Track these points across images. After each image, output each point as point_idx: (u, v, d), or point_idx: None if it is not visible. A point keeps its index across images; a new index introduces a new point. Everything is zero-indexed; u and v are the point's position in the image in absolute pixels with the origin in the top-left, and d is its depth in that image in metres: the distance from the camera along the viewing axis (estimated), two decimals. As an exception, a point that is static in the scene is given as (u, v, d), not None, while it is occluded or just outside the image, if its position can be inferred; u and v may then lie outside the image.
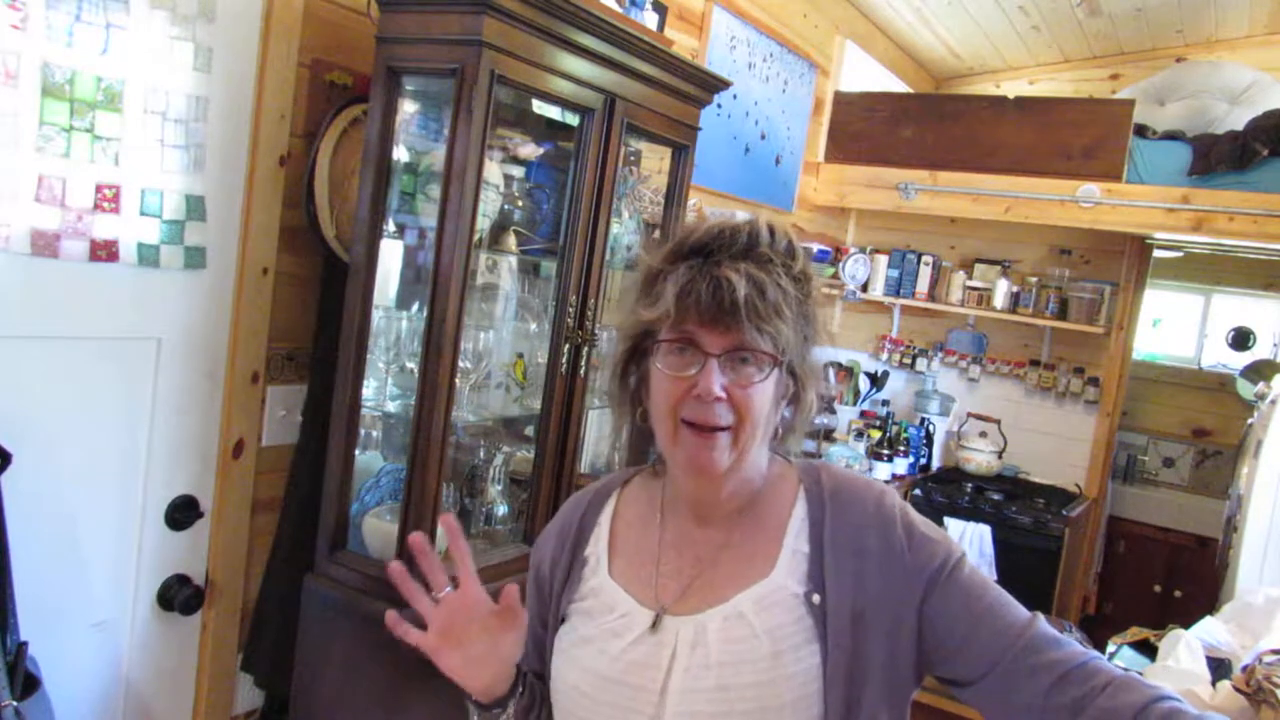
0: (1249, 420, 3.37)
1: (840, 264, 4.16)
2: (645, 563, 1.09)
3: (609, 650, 1.04)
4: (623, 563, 1.10)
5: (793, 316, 1.01)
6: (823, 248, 3.97)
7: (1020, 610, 1.02)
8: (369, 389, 1.85)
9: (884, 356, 4.54)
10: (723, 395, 0.98)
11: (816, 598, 1.01)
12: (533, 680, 1.13)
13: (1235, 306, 5.33)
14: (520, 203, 1.99)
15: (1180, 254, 4.67)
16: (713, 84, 2.26)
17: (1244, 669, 1.74)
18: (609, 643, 1.04)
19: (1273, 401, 2.84)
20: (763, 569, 1.03)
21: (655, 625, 1.03)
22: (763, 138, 3.58)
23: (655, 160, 2.40)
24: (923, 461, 4.30)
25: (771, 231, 1.03)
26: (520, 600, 1.04)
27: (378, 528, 1.81)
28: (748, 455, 1.02)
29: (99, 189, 1.53)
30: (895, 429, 4.26)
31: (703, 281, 0.97)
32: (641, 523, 1.13)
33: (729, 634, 1.00)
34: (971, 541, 3.66)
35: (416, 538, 1.03)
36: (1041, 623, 1.01)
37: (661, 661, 1.01)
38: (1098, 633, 3.57)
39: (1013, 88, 4.71)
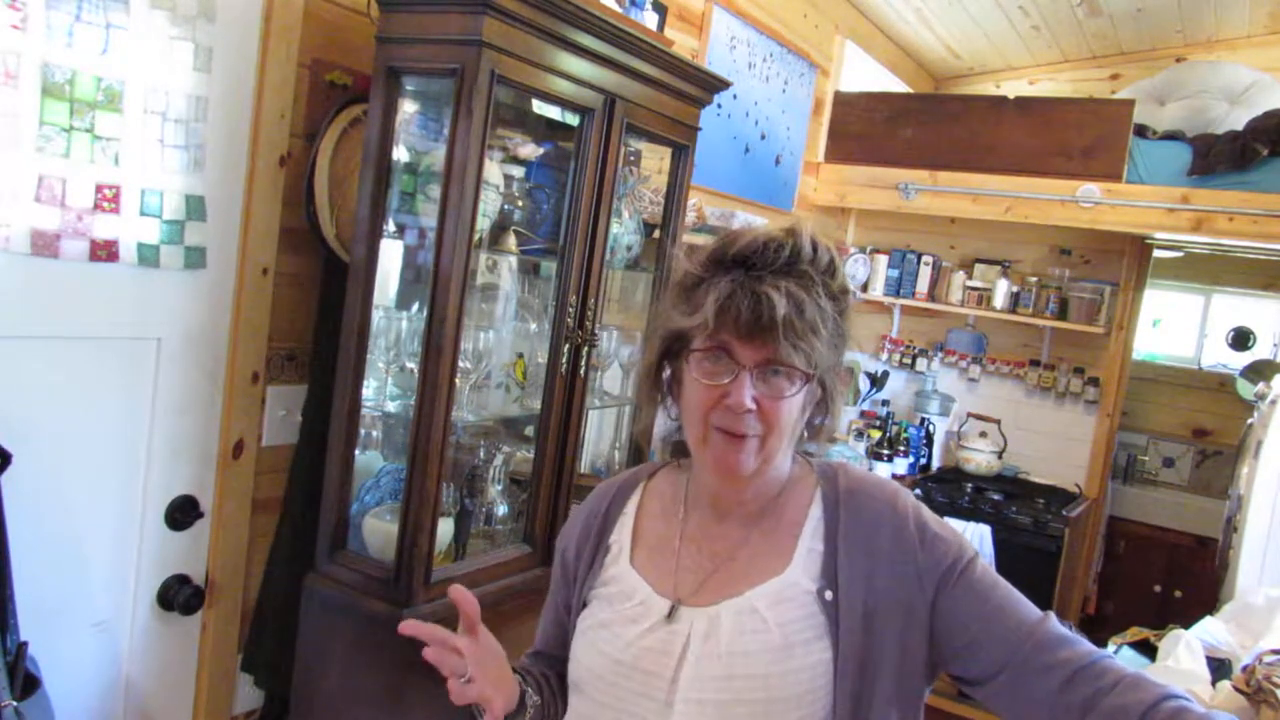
0: (1249, 420, 3.37)
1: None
2: (666, 554, 1.12)
3: (624, 636, 1.07)
4: (644, 553, 1.13)
5: (828, 333, 1.02)
6: (823, 248, 3.97)
7: (1031, 609, 1.03)
8: (369, 389, 1.85)
9: (884, 356, 4.54)
10: (753, 407, 1.00)
11: (829, 594, 1.02)
12: (539, 674, 1.17)
13: (1235, 306, 5.33)
14: (520, 203, 1.99)
15: (1180, 254, 4.67)
16: (713, 84, 2.26)
17: (1244, 669, 1.74)
18: (625, 628, 1.07)
19: (1273, 401, 2.84)
20: (777, 566, 1.06)
21: (671, 615, 1.06)
22: (763, 138, 3.58)
23: (655, 160, 2.40)
24: (923, 461, 4.30)
25: (815, 246, 1.04)
26: (473, 606, 1.05)
27: (378, 528, 1.81)
28: (773, 461, 1.05)
29: (99, 189, 1.53)
30: (895, 429, 4.26)
31: (744, 296, 0.99)
32: (664, 515, 1.16)
33: (741, 626, 1.03)
34: (971, 541, 3.65)
35: (407, 627, 1.04)
36: (1053, 621, 1.02)
37: (674, 649, 1.04)
38: (1098, 633, 3.56)
39: (1013, 88, 4.71)
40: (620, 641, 1.07)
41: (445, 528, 1.82)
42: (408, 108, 1.85)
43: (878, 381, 4.50)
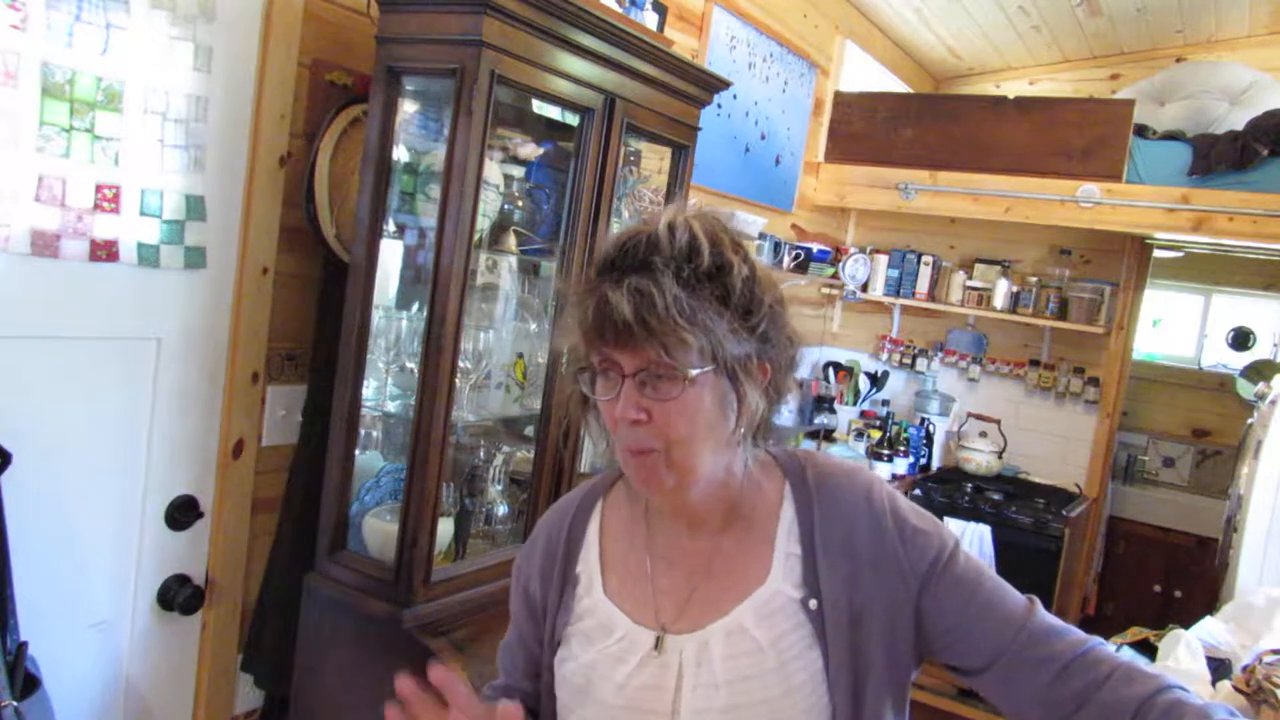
0: (1249, 420, 3.37)
1: (840, 264, 4.16)
2: (639, 579, 1.06)
3: (614, 678, 1.01)
4: (616, 580, 1.07)
5: (705, 319, 0.92)
6: (823, 248, 3.98)
7: (1016, 598, 1.01)
8: (369, 389, 1.85)
9: (884, 356, 4.54)
10: (641, 417, 0.93)
11: (813, 603, 0.99)
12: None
13: (1235, 306, 5.33)
14: (520, 203, 1.99)
15: (1180, 254, 4.67)
16: (713, 84, 2.26)
17: (1244, 669, 1.74)
18: (613, 670, 1.02)
19: (1273, 401, 2.84)
20: (758, 575, 1.01)
21: (658, 646, 1.01)
22: (763, 138, 3.58)
23: (655, 160, 2.40)
24: (923, 461, 4.30)
25: (672, 231, 0.94)
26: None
27: (378, 528, 1.81)
28: (693, 471, 0.97)
29: (99, 189, 1.53)
30: (895, 429, 4.26)
31: (593, 305, 0.92)
32: (628, 535, 1.09)
33: (733, 650, 0.99)
34: (971, 542, 3.66)
35: (402, 688, 0.96)
36: (1039, 611, 1.00)
37: (668, 683, 0.99)
38: (1098, 633, 3.55)
39: (1013, 88, 4.72)
40: (611, 685, 1.01)
41: (445, 528, 1.82)
42: (408, 108, 1.85)
43: (878, 381, 4.50)
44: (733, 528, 1.04)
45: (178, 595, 1.77)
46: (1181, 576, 4.80)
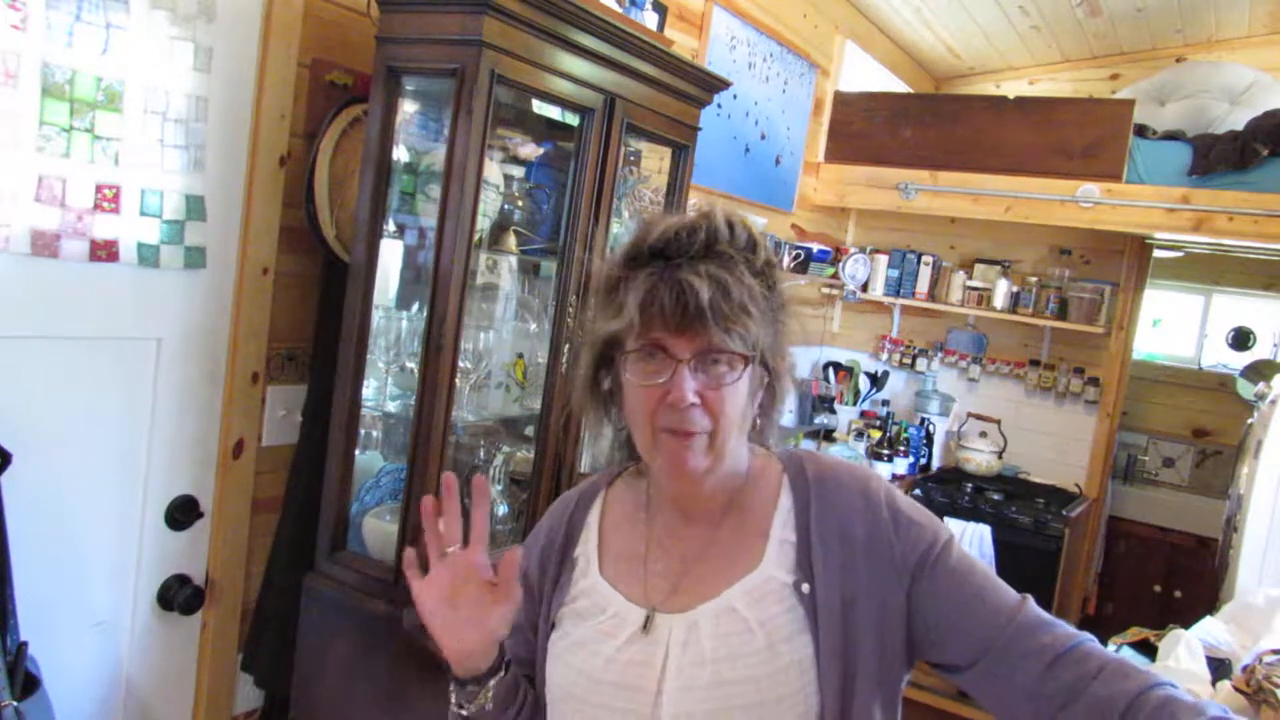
0: (1249, 420, 3.37)
1: (840, 264, 4.16)
2: (634, 562, 1.08)
3: (602, 652, 1.03)
4: (612, 563, 1.09)
5: (760, 311, 0.98)
6: (823, 248, 3.98)
7: (1009, 593, 1.01)
8: (369, 389, 1.85)
9: (884, 356, 4.54)
10: (696, 401, 0.96)
11: (806, 587, 1.00)
12: (518, 672, 1.12)
13: (1235, 306, 5.33)
14: (520, 203, 1.99)
15: (1180, 254, 4.67)
16: (713, 84, 2.26)
17: (1244, 669, 1.74)
18: (601, 644, 1.03)
19: (1273, 401, 2.84)
20: (751, 561, 1.03)
21: (647, 625, 1.03)
22: (763, 138, 3.58)
23: (655, 160, 2.40)
24: (923, 461, 4.30)
25: (730, 225, 1.00)
26: (518, 574, 1.00)
27: (378, 528, 1.81)
28: (725, 454, 1.01)
29: (99, 189, 1.53)
30: (895, 429, 4.26)
31: (665, 288, 0.95)
32: (629, 522, 1.12)
33: (722, 629, 1.00)
34: (971, 541, 3.66)
35: (449, 478, 0.99)
36: (1031, 605, 1.00)
37: (655, 661, 1.01)
38: (1098, 633, 3.55)
39: (1013, 88, 4.71)
40: (598, 659, 1.02)
41: (445, 528, 1.81)
42: (408, 108, 1.85)
43: (878, 381, 4.50)
44: (729, 518, 1.07)
45: (178, 595, 1.77)
46: (1181, 576, 4.80)
